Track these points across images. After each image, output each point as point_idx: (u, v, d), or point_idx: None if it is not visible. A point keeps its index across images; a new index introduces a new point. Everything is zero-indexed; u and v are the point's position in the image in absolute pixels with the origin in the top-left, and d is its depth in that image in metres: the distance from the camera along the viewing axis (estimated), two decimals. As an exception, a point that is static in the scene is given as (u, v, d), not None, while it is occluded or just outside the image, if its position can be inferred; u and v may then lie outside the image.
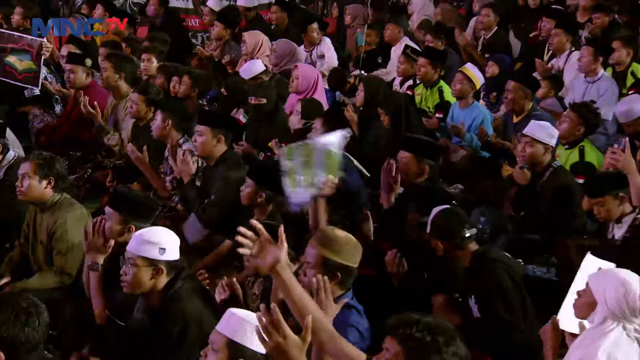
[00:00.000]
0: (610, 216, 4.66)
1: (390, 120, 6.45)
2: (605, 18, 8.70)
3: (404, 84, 8.02)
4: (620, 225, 4.66)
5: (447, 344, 2.67)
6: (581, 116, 5.90)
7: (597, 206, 4.66)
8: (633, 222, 4.62)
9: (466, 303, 4.37)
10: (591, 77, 7.20)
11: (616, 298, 3.23)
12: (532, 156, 5.42)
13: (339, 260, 3.62)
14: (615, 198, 4.61)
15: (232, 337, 3.01)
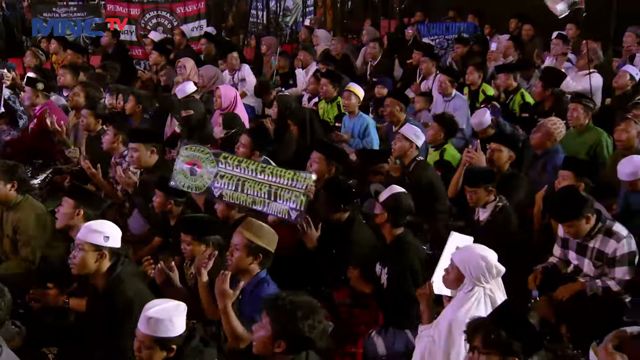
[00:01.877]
0: (479, 202, 4.71)
1: (298, 129, 6.47)
2: (464, 48, 8.93)
3: (311, 100, 8.02)
4: (485, 210, 4.71)
5: (305, 317, 2.79)
6: (441, 124, 6.02)
7: (471, 193, 4.70)
8: (494, 208, 4.67)
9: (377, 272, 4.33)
10: (447, 96, 7.33)
11: (478, 268, 3.32)
12: (400, 149, 5.50)
13: (260, 244, 3.61)
14: (486, 190, 4.67)
15: (155, 335, 2.96)
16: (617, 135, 5.54)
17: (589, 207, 4.13)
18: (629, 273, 4.08)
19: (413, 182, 5.32)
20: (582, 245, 4.26)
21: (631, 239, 4.11)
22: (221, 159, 4.75)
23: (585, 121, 6.05)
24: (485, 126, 6.08)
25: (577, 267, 4.31)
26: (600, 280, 4.15)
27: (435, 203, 5.38)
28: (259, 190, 4.61)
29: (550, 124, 5.61)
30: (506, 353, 2.75)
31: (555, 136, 5.57)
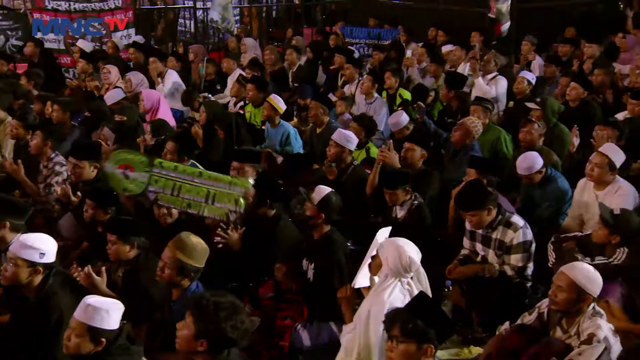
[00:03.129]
0: (397, 202, 4.77)
1: (224, 134, 6.39)
2: (381, 55, 9.05)
3: (237, 104, 7.94)
4: (402, 208, 4.78)
5: (227, 317, 2.75)
6: (361, 125, 6.09)
7: (390, 195, 4.74)
8: (410, 206, 4.75)
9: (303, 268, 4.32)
10: (369, 99, 7.41)
11: (394, 260, 3.37)
12: (335, 155, 5.51)
13: (192, 264, 3.54)
14: (403, 190, 4.74)
15: (90, 323, 2.86)
16: (522, 136, 5.77)
17: (491, 200, 4.26)
18: (522, 260, 4.22)
19: (350, 185, 5.36)
20: (486, 237, 4.37)
21: (527, 229, 4.25)
22: (156, 163, 4.64)
23: (485, 121, 6.25)
24: (402, 127, 6.17)
25: (484, 257, 4.42)
26: (497, 265, 4.29)
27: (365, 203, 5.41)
28: (196, 194, 4.56)
29: (469, 122, 5.81)
30: (422, 341, 2.81)
31: (473, 134, 5.78)
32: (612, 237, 4.12)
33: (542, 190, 5.07)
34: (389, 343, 2.88)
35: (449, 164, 5.84)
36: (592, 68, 8.00)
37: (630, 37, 9.15)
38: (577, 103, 6.69)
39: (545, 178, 5.05)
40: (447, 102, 7.18)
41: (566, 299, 3.32)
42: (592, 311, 3.33)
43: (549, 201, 5.04)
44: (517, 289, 4.25)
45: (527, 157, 5.05)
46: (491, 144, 6.21)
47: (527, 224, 4.29)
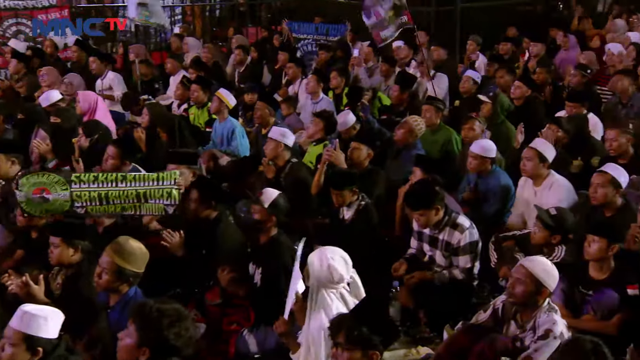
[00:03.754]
0: (344, 203, 4.79)
1: (167, 137, 6.32)
2: (327, 54, 9.10)
3: (181, 106, 7.85)
4: (349, 209, 4.80)
5: (170, 324, 2.71)
6: (322, 120, 6.15)
7: (337, 196, 4.77)
8: (358, 207, 4.78)
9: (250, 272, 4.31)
10: (315, 98, 7.45)
11: (319, 272, 3.32)
12: (272, 151, 5.51)
13: (130, 268, 3.48)
14: (350, 191, 4.77)
15: (26, 332, 2.78)
16: (464, 133, 5.95)
17: (439, 200, 4.34)
18: (470, 261, 4.32)
19: (288, 183, 5.35)
20: (433, 237, 4.46)
21: (473, 229, 4.35)
22: (73, 178, 4.54)
23: (437, 121, 6.39)
24: (349, 126, 6.23)
25: (432, 258, 4.51)
26: (447, 271, 4.37)
27: (308, 203, 5.42)
28: (126, 198, 4.47)
29: (412, 121, 5.91)
30: (368, 347, 2.83)
31: (416, 132, 5.87)
32: (552, 238, 4.26)
33: (486, 184, 5.24)
34: (334, 350, 2.89)
35: (393, 163, 5.92)
36: (537, 66, 8.26)
37: (572, 37, 9.49)
38: (522, 102, 6.89)
39: (490, 172, 5.23)
40: (398, 102, 7.27)
41: (524, 291, 3.40)
42: (547, 306, 3.42)
43: (493, 196, 5.18)
44: (464, 288, 4.35)
45: (479, 142, 5.24)
46: (442, 144, 6.32)
47: (473, 224, 4.39)
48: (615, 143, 5.27)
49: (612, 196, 4.47)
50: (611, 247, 3.85)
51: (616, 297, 3.74)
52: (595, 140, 6.06)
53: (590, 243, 3.88)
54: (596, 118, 6.38)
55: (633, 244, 4.03)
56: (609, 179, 4.46)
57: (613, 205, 4.49)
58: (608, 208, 4.51)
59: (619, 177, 4.47)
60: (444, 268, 4.42)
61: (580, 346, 2.76)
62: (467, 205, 5.13)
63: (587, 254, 3.90)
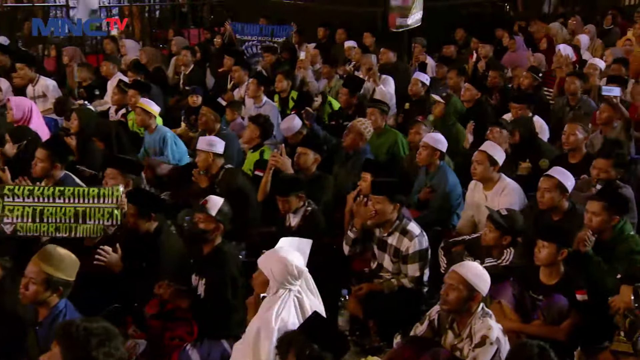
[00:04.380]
0: (290, 210, 4.79)
1: (104, 145, 6.20)
2: (272, 56, 9.09)
3: (118, 111, 7.70)
4: (295, 215, 4.80)
5: (99, 344, 2.65)
6: (257, 125, 6.11)
7: (283, 202, 4.76)
8: (304, 212, 4.79)
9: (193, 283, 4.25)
10: (257, 103, 7.43)
11: (280, 271, 3.37)
12: (203, 163, 5.47)
13: (61, 277, 3.38)
14: (296, 197, 4.76)
15: None
16: (411, 137, 6.06)
17: (401, 198, 4.44)
18: (419, 269, 4.37)
19: (223, 190, 5.31)
20: (382, 240, 4.50)
21: (423, 237, 4.41)
22: (6, 191, 4.39)
23: (382, 124, 6.47)
24: (295, 131, 6.23)
25: (380, 264, 4.54)
26: (396, 280, 4.42)
27: (246, 210, 5.40)
28: (63, 216, 4.37)
29: (359, 125, 5.94)
30: None
31: (365, 136, 5.91)
32: (503, 239, 4.36)
33: (432, 179, 5.38)
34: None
35: (341, 169, 5.94)
36: (486, 68, 8.46)
37: (519, 39, 9.76)
38: (472, 104, 7.05)
39: (437, 168, 5.39)
40: (347, 106, 7.32)
41: (457, 297, 3.47)
42: (481, 312, 3.50)
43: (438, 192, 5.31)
44: (413, 295, 4.40)
45: (435, 133, 5.49)
46: (388, 147, 6.41)
47: (423, 232, 4.45)
48: (573, 137, 5.44)
49: (559, 201, 4.60)
50: (561, 251, 3.95)
51: (566, 303, 3.83)
52: (542, 142, 6.23)
53: (540, 248, 3.98)
54: (542, 120, 6.56)
55: (582, 247, 4.15)
56: (555, 184, 4.58)
57: (560, 209, 4.62)
58: (555, 212, 4.63)
59: (566, 181, 4.60)
60: (392, 274, 4.46)
61: (527, 351, 2.84)
62: (423, 206, 5.23)
63: (537, 260, 4.00)
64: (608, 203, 4.19)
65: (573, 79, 7.01)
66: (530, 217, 4.75)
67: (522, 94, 7.15)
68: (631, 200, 4.76)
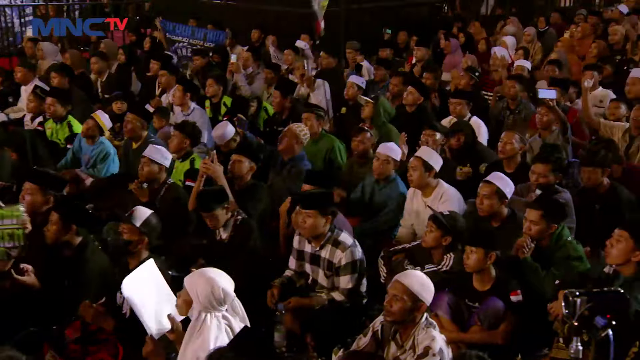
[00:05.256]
0: (219, 224, 4.75)
1: (17, 155, 6.03)
2: (202, 59, 9.03)
3: (35, 119, 7.49)
4: (225, 228, 4.77)
5: None
6: (184, 133, 6.00)
7: (209, 218, 4.73)
8: (234, 222, 4.76)
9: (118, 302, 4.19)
10: (185, 110, 7.36)
11: (206, 294, 3.30)
12: (149, 173, 5.40)
13: None
14: (223, 209, 4.73)
15: None
16: (354, 146, 6.09)
17: (332, 210, 4.46)
18: (351, 281, 4.39)
19: (165, 206, 5.26)
20: (315, 255, 4.52)
21: (355, 248, 4.44)
22: None
23: (319, 129, 6.53)
24: (228, 139, 6.21)
25: (314, 280, 4.56)
26: (325, 294, 4.45)
27: (187, 226, 5.36)
28: None
29: (296, 127, 5.98)
30: None
31: (301, 139, 5.94)
32: (443, 240, 4.48)
33: (385, 192, 5.46)
34: None
35: (277, 177, 5.97)
36: (422, 71, 8.63)
37: (454, 41, 10.02)
38: (414, 108, 7.18)
39: (390, 179, 5.48)
40: (279, 109, 7.34)
41: (401, 307, 3.52)
42: (425, 322, 3.55)
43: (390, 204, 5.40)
44: (352, 308, 4.43)
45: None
46: (325, 153, 6.46)
47: (355, 242, 4.48)
48: (509, 146, 5.60)
49: (498, 207, 4.74)
50: (489, 255, 4.08)
51: (501, 306, 3.96)
52: (483, 147, 6.41)
53: (468, 254, 4.11)
54: (480, 121, 6.75)
55: (521, 254, 4.29)
56: (494, 190, 4.72)
57: (500, 216, 4.76)
58: (495, 219, 4.77)
59: (505, 187, 4.75)
60: (327, 289, 4.48)
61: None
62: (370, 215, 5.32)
63: (467, 266, 4.13)
64: (546, 211, 4.34)
65: (513, 82, 7.24)
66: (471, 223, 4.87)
67: (459, 90, 7.35)
68: (569, 205, 4.96)
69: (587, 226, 4.97)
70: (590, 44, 9.23)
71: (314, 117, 6.49)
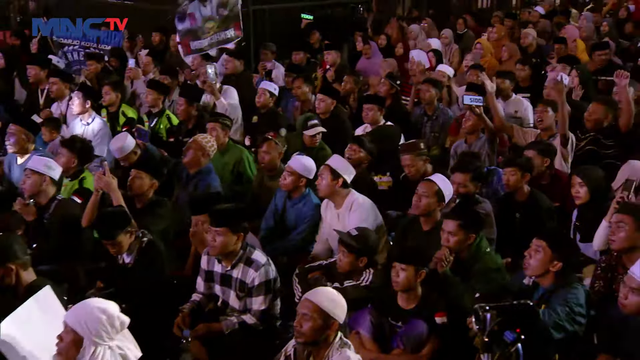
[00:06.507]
0: (122, 250, 4.65)
1: None
2: (97, 65, 8.85)
3: None
4: (129, 252, 4.67)
5: None
6: (71, 150, 5.87)
7: (111, 246, 4.62)
8: (140, 245, 4.67)
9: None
10: (86, 120, 7.22)
11: (98, 322, 3.20)
12: (33, 186, 5.26)
13: None
14: (126, 233, 4.62)
15: None
16: (260, 157, 6.12)
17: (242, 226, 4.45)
18: (265, 302, 4.39)
19: (55, 224, 5.15)
20: (225, 275, 4.50)
21: (269, 266, 4.45)
22: None
23: (226, 140, 6.53)
24: (128, 152, 6.12)
25: (224, 301, 4.54)
26: (235, 317, 4.42)
27: (80, 246, 5.24)
28: None
29: (201, 139, 5.95)
30: None
31: (208, 151, 5.92)
32: (359, 262, 4.56)
33: (297, 209, 5.50)
34: None
35: (182, 192, 5.92)
36: (336, 75, 8.76)
37: (374, 44, 10.24)
38: (328, 115, 7.28)
39: (302, 195, 5.51)
40: (185, 118, 7.28)
41: (312, 327, 3.52)
42: (339, 342, 3.58)
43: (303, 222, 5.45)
44: (264, 331, 4.43)
45: (304, 158, 5.57)
46: (233, 165, 6.46)
47: (269, 260, 4.50)
48: (413, 169, 5.76)
49: (434, 208, 4.89)
50: (419, 273, 4.18)
51: (424, 329, 4.04)
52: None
53: (398, 272, 4.17)
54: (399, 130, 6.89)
55: (440, 267, 4.41)
56: (435, 190, 4.87)
57: (433, 218, 4.89)
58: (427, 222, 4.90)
59: (445, 189, 4.92)
60: (239, 311, 4.47)
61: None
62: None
63: (396, 285, 4.19)
64: (464, 221, 4.47)
65: (427, 86, 7.44)
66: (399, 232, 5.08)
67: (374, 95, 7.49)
68: (490, 215, 5.16)
69: (507, 236, 5.17)
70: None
71: (219, 126, 6.48)
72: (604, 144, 6.17)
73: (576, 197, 5.09)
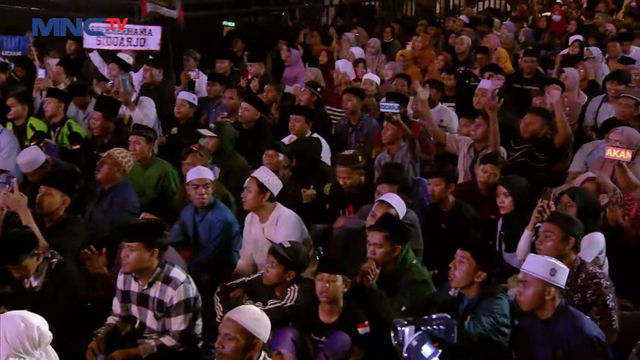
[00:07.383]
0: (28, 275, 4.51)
1: None
2: (1, 75, 8.61)
3: None
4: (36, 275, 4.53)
5: None
6: None
7: (15, 270, 4.48)
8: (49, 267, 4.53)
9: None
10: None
11: (18, 335, 3.10)
12: None
13: None
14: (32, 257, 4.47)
15: None
16: (184, 169, 6.07)
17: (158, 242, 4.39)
18: (184, 322, 4.34)
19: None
20: (143, 295, 4.43)
21: (189, 284, 4.40)
22: None
23: (149, 153, 6.45)
24: (37, 166, 6.02)
25: (142, 322, 4.47)
26: (153, 339, 4.36)
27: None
28: None
29: (117, 153, 5.87)
30: None
31: (124, 166, 5.84)
32: (287, 275, 4.57)
33: (207, 220, 5.50)
34: None
35: (96, 208, 5.83)
36: (260, 87, 8.78)
37: (295, 52, 10.30)
38: (252, 125, 7.30)
39: (210, 206, 5.52)
40: (102, 133, 7.13)
41: (235, 348, 3.50)
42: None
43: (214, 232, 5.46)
44: (185, 353, 4.37)
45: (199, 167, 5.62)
46: (157, 180, 6.39)
47: (189, 278, 4.45)
48: (349, 181, 5.83)
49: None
50: (345, 283, 4.25)
51: (347, 341, 4.09)
52: (325, 166, 6.62)
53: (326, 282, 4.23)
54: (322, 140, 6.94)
55: (366, 281, 4.47)
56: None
57: None
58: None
59: (398, 207, 4.98)
60: (158, 333, 4.41)
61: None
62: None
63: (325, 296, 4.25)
64: (390, 233, 4.56)
65: (349, 96, 7.53)
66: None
67: (298, 105, 7.55)
68: (416, 226, 5.25)
69: (434, 247, 5.27)
70: (431, 56, 9.86)
71: (143, 140, 6.42)
72: (537, 157, 6.35)
73: (501, 207, 5.25)
